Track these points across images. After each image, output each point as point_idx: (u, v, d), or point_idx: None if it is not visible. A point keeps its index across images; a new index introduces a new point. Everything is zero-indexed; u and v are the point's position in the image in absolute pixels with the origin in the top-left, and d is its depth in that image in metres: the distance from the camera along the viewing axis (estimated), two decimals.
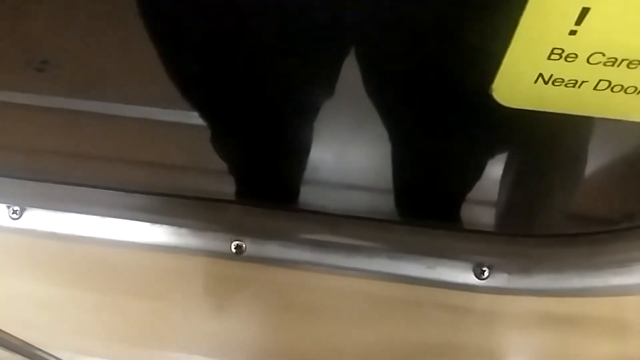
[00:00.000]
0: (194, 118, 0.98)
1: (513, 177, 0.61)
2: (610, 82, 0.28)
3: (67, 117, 1.30)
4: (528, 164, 0.63)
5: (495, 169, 0.74)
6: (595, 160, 0.64)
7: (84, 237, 0.48)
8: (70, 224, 0.48)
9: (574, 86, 0.29)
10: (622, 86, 0.28)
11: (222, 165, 0.89)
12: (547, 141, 0.60)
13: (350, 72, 0.66)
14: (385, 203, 1.00)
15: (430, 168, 0.80)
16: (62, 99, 1.31)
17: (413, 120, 0.70)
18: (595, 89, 0.29)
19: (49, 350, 0.58)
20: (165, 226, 0.46)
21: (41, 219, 0.48)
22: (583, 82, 0.28)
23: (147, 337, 0.59)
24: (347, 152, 1.24)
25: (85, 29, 1.33)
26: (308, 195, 1.11)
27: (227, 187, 0.94)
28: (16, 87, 1.32)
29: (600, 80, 0.28)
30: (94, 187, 0.47)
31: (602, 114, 0.30)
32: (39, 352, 0.54)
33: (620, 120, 0.44)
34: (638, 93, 0.29)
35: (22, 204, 0.48)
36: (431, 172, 0.81)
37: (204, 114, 0.73)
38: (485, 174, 0.77)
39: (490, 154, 0.73)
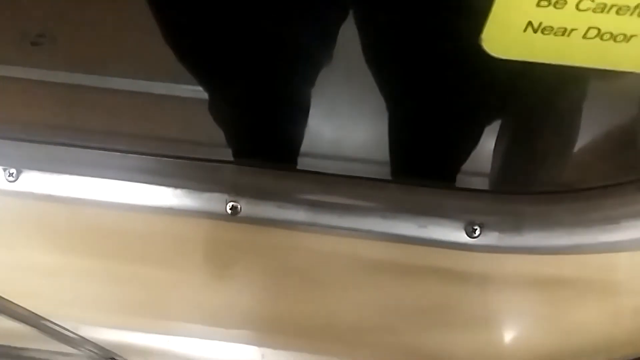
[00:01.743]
0: (191, 91, 0.99)
1: (508, 138, 0.62)
2: (599, 30, 0.28)
3: (63, 91, 1.29)
4: (523, 126, 0.64)
5: (490, 132, 0.74)
6: (590, 127, 0.64)
7: (80, 199, 0.48)
8: (66, 185, 0.48)
9: (563, 34, 0.29)
10: (612, 34, 0.28)
11: (218, 137, 0.89)
12: (541, 102, 0.60)
13: (350, 43, 0.66)
14: (382, 174, 1.00)
15: (427, 134, 0.80)
16: (58, 73, 1.30)
17: (410, 85, 0.70)
18: (585, 37, 0.29)
19: (52, 318, 0.58)
20: (160, 187, 0.47)
21: (38, 182, 0.48)
22: (572, 30, 0.28)
23: (148, 306, 0.60)
24: (345, 125, 1.24)
25: (81, 1, 1.32)
26: (306, 167, 1.11)
27: (224, 158, 0.95)
28: (12, 61, 1.31)
29: (589, 28, 0.28)
30: (91, 148, 0.47)
31: (592, 63, 0.30)
32: (45, 322, 0.55)
33: (614, 85, 0.44)
34: (627, 41, 0.29)
35: (18, 166, 0.48)
36: (428, 138, 0.81)
37: (201, 79, 0.72)
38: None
39: (487, 118, 0.74)
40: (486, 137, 0.72)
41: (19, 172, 0.48)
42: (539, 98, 0.57)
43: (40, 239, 0.55)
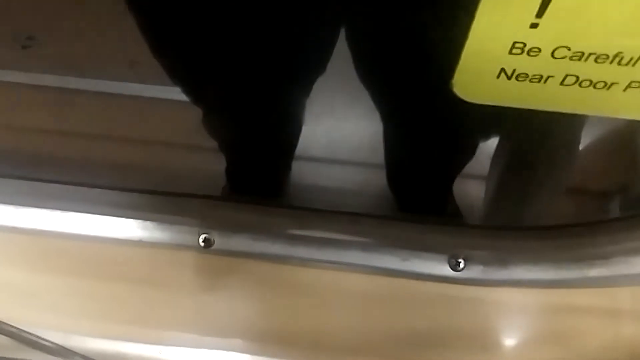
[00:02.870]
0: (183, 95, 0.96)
1: (501, 170, 0.60)
2: (577, 77, 0.26)
3: (52, 94, 1.28)
4: (515, 161, 0.62)
5: (482, 157, 0.72)
6: (587, 133, 0.62)
7: (48, 231, 0.47)
8: (34, 219, 0.47)
9: (539, 81, 0.27)
10: (591, 81, 0.26)
11: (212, 143, 0.87)
12: (538, 130, 0.58)
13: (344, 49, 0.64)
14: (377, 178, 0.99)
15: (419, 147, 0.79)
16: (48, 76, 1.29)
17: (401, 100, 0.69)
18: (563, 84, 0.27)
19: (40, 329, 0.57)
20: (131, 220, 0.45)
21: (3, 215, 0.47)
22: (549, 77, 0.26)
23: (139, 316, 0.59)
24: (339, 128, 1.22)
25: (72, 3, 1.30)
26: (300, 171, 1.11)
27: (217, 164, 0.93)
28: (2, 64, 1.30)
29: (567, 75, 0.26)
30: (57, 182, 0.45)
31: (571, 109, 0.28)
32: (31, 336, 0.54)
33: (607, 122, 0.42)
34: (608, 88, 0.26)
35: None
36: (421, 150, 0.80)
37: (193, 95, 0.71)
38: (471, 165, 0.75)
39: (479, 134, 0.72)
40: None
41: None
42: (539, 128, 0.55)
43: (14, 264, 0.54)
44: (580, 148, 0.61)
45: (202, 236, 0.45)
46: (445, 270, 0.44)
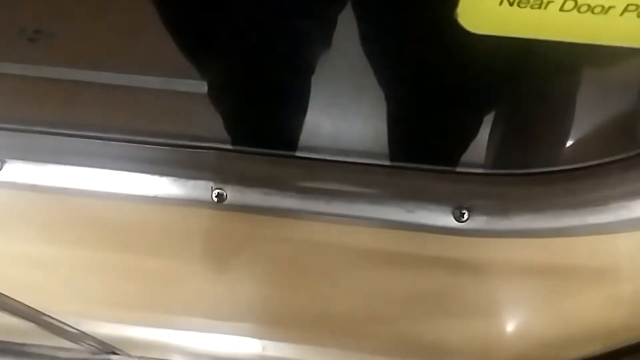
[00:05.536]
0: (188, 86, 0.98)
1: (498, 118, 0.61)
2: (576, 2, 0.28)
3: (60, 87, 1.29)
4: (515, 108, 0.63)
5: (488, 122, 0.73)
6: (580, 109, 0.63)
7: (64, 188, 0.48)
8: (51, 175, 0.48)
9: (539, 7, 0.28)
10: (589, 6, 0.28)
11: (216, 131, 0.88)
12: (534, 87, 0.59)
13: (350, 32, 0.65)
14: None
15: (425, 125, 0.80)
16: (55, 69, 1.30)
17: (407, 76, 0.69)
18: (562, 10, 0.28)
19: (53, 313, 0.58)
20: (145, 175, 0.46)
21: (21, 172, 0.48)
22: (549, 2, 0.28)
23: (148, 299, 0.59)
24: (344, 117, 1.23)
25: None
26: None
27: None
28: (8, 57, 1.31)
29: (566, 0, 0.28)
30: (73, 136, 0.46)
31: (570, 37, 0.30)
32: (44, 317, 0.54)
33: (607, 68, 0.43)
34: (605, 13, 0.28)
35: (1, 156, 0.48)
36: (426, 129, 0.80)
37: (199, 66, 0.72)
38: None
39: (484, 108, 0.73)
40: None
41: (2, 163, 0.48)
42: (532, 84, 0.56)
43: (29, 230, 0.55)
44: (578, 127, 0.62)
45: (215, 191, 0.46)
46: (450, 221, 0.45)
